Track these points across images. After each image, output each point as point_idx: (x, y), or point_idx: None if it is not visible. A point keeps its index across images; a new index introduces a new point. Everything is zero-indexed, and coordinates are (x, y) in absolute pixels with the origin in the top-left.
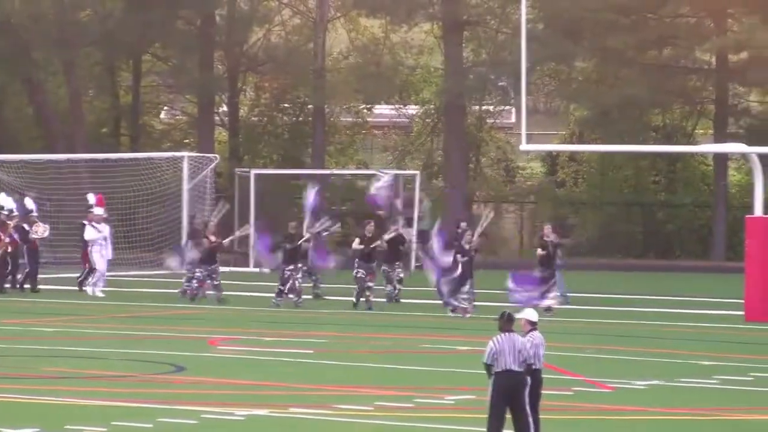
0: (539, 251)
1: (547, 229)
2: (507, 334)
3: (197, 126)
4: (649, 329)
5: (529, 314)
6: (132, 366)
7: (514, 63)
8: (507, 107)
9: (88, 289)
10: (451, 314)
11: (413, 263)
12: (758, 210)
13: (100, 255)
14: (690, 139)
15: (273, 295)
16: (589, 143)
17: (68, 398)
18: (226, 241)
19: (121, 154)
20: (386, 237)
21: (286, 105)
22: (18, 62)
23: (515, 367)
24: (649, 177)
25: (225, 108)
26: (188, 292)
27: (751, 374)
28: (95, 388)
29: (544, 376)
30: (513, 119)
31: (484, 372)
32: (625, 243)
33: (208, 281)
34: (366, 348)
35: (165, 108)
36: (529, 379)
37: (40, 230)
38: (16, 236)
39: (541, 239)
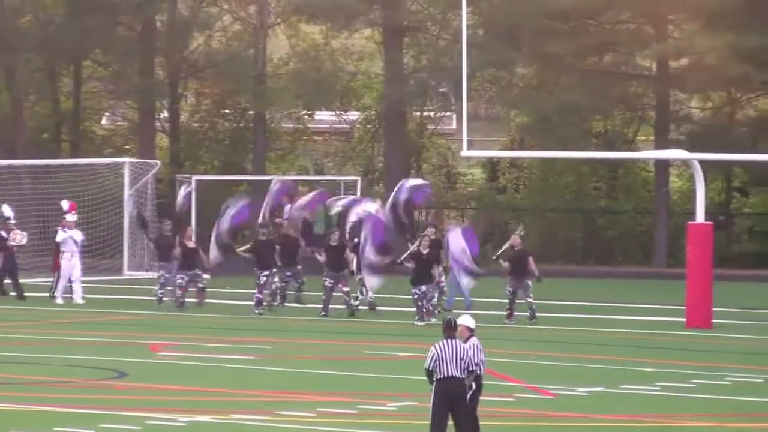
0: (507, 263)
1: (515, 238)
2: (450, 340)
3: (138, 132)
4: (591, 335)
5: (467, 321)
6: (74, 372)
7: (454, 69)
8: (448, 113)
9: (58, 299)
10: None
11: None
12: (700, 216)
13: (69, 262)
14: (631, 146)
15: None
16: (529, 149)
17: (10, 404)
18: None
19: (62, 160)
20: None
21: (227, 111)
22: None
23: (457, 374)
24: (590, 183)
25: (166, 114)
26: (176, 300)
27: (693, 381)
28: (37, 394)
29: (486, 382)
30: (454, 125)
31: (426, 378)
32: (567, 249)
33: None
34: (308, 354)
35: (106, 114)
36: (473, 385)
37: (18, 237)
38: None
39: (511, 249)
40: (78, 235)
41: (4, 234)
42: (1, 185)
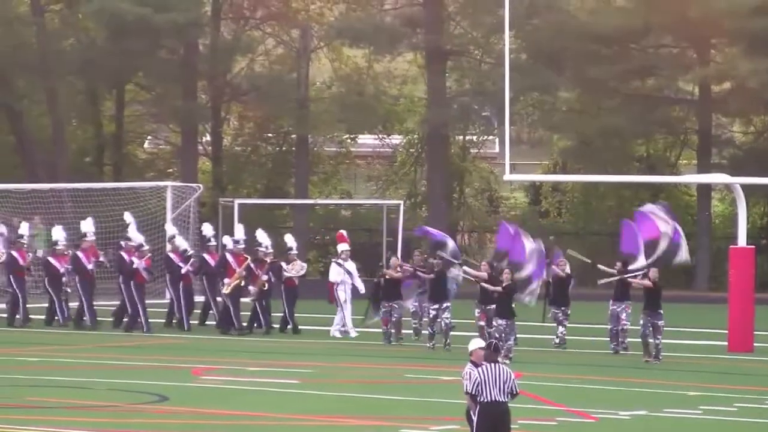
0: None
1: (563, 262)
2: (492, 364)
3: (181, 155)
4: (633, 359)
5: (481, 344)
6: (115, 396)
7: (497, 93)
8: (490, 137)
9: (333, 331)
10: None
11: None
12: (741, 240)
13: (346, 294)
14: (673, 170)
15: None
16: (572, 173)
17: (51, 428)
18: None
19: (104, 184)
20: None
21: (269, 135)
22: None
23: (500, 398)
24: (633, 207)
25: (208, 137)
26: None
27: (736, 404)
28: (78, 418)
29: (527, 406)
30: (497, 149)
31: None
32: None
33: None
34: (351, 378)
35: (149, 137)
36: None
37: (297, 268)
38: (270, 274)
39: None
40: (352, 266)
41: (283, 265)
42: (44, 208)
